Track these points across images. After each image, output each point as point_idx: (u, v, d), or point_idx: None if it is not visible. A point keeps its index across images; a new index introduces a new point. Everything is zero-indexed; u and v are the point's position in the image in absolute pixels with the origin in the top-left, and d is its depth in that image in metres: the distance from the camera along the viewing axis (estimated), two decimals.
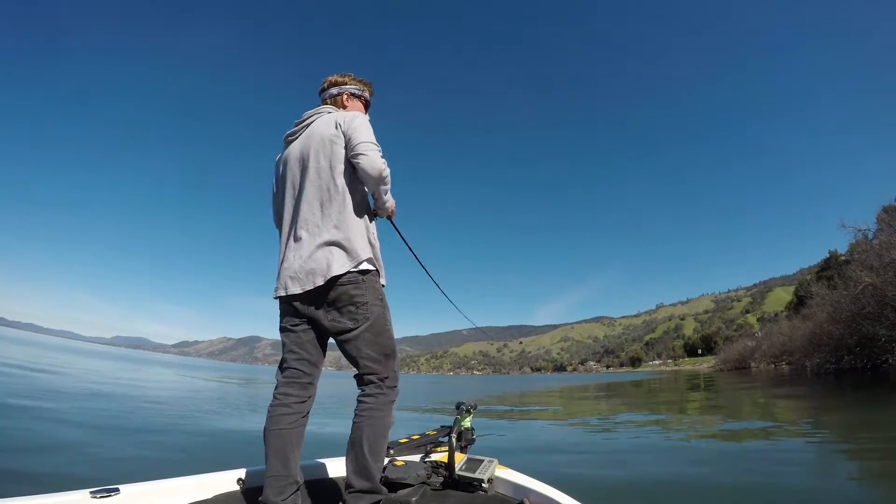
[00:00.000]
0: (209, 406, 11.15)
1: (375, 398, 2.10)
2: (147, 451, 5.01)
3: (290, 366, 2.20)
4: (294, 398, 2.14)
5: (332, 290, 2.11)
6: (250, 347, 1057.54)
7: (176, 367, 49.72)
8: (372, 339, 2.14)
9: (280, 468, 2.01)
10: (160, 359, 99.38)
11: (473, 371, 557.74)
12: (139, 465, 4.21)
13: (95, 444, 5.01)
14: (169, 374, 28.18)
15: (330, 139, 2.22)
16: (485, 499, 2.44)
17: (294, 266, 2.16)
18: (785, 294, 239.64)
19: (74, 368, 20.35)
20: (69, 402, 8.48)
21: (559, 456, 6.72)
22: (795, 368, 38.96)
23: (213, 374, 37.66)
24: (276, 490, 1.98)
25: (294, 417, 2.11)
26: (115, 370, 22.52)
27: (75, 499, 1.75)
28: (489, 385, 51.19)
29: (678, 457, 6.53)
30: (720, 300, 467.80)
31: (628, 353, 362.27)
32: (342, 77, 2.54)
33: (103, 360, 36.69)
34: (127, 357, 63.35)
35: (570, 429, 10.33)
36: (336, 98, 2.50)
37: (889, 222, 27.12)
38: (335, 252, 2.12)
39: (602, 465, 5.97)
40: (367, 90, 2.59)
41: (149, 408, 9.07)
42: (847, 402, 13.87)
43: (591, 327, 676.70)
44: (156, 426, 6.92)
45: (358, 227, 2.20)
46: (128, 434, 5.90)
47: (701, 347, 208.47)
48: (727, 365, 65.93)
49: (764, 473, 5.18)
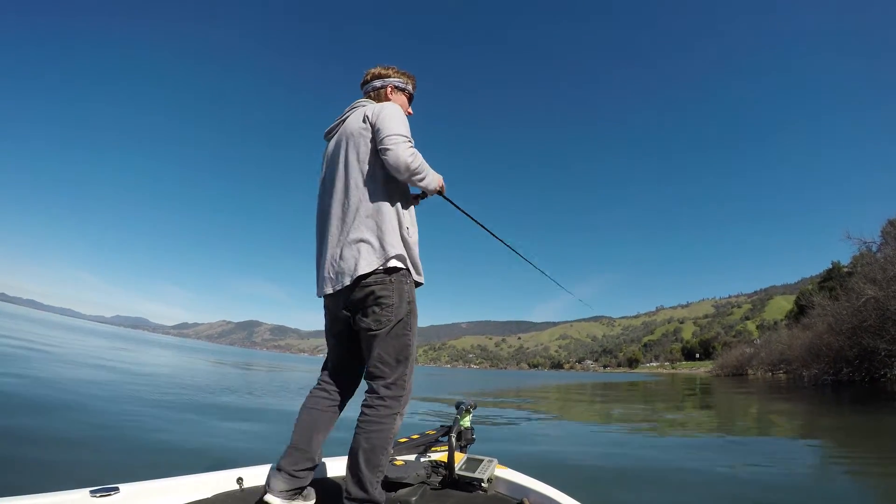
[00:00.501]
0: (213, 399, 11.05)
1: (377, 410, 2.06)
2: (146, 450, 4.92)
3: (330, 367, 2.32)
4: (335, 388, 2.27)
5: (359, 290, 2.09)
6: (249, 332, 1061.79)
7: (176, 348, 49.63)
8: (389, 342, 2.11)
9: (303, 442, 2.11)
10: (160, 339, 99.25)
11: (471, 364, 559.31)
12: (139, 464, 4.19)
13: (95, 444, 4.87)
14: (171, 358, 28.05)
15: (359, 132, 2.20)
16: (484, 498, 2.45)
17: (326, 265, 2.18)
18: (785, 302, 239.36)
19: (73, 349, 20.17)
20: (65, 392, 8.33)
21: (546, 446, 7.01)
22: (792, 378, 38.88)
23: (212, 358, 37.76)
24: (292, 460, 2.07)
25: (330, 402, 2.23)
26: (119, 353, 22.34)
27: (75, 498, 1.74)
28: (486, 379, 51.17)
29: (663, 453, 6.74)
30: (720, 305, 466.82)
31: (626, 353, 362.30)
32: (385, 69, 2.47)
33: (103, 339, 36.68)
34: (127, 337, 63.02)
35: (563, 423, 10.42)
36: (380, 91, 2.45)
37: (894, 236, 26.96)
38: (363, 250, 2.09)
39: (591, 456, 6.30)
40: (410, 83, 2.53)
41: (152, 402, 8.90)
42: (844, 412, 13.82)
43: (591, 326, 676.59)
44: (155, 424, 6.65)
45: (389, 223, 2.14)
46: (127, 433, 5.70)
47: (699, 351, 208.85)
48: (724, 370, 65.94)
49: (755, 476, 5.25)
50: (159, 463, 4.26)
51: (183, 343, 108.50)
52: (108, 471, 3.83)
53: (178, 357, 29.45)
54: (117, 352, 22.33)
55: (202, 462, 4.39)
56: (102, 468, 3.99)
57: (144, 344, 45.46)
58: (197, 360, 27.55)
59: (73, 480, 2.08)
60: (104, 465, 4.11)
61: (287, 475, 2.05)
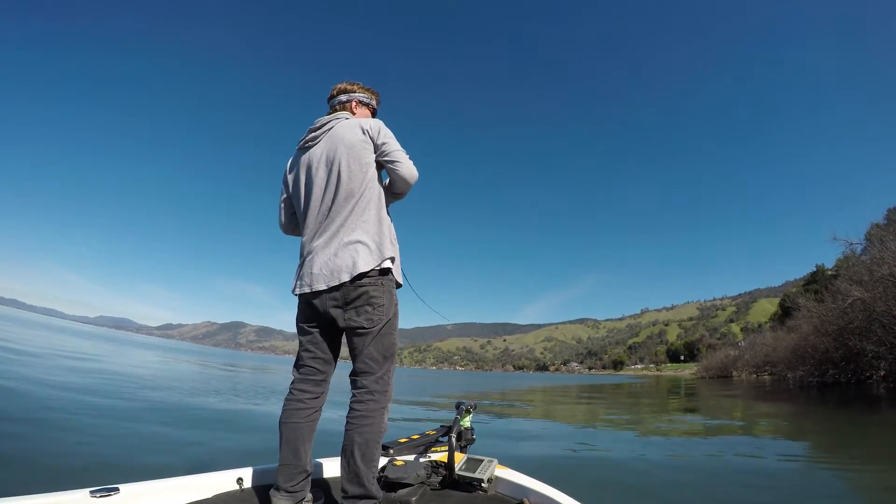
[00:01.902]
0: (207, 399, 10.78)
1: (366, 405, 2.13)
2: (146, 449, 4.95)
3: (305, 363, 2.31)
4: (308, 394, 2.27)
5: (354, 289, 2.17)
6: (234, 333, 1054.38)
7: (161, 349, 49.02)
8: (378, 340, 2.21)
9: (291, 458, 2.15)
10: (144, 340, 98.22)
11: (456, 367, 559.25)
12: (139, 464, 4.23)
13: (94, 442, 4.90)
14: (154, 358, 27.50)
15: (359, 144, 2.30)
16: (484, 499, 2.46)
17: (319, 263, 2.22)
18: (770, 305, 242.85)
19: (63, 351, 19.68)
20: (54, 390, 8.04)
21: (540, 446, 7.34)
22: (777, 380, 39.23)
23: (197, 359, 37.15)
24: (286, 477, 2.13)
25: (307, 412, 2.24)
26: (107, 353, 21.98)
27: (75, 498, 1.73)
28: (472, 381, 51.36)
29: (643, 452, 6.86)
30: (705, 308, 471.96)
31: (611, 356, 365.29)
32: (351, 85, 2.61)
33: (87, 340, 36.13)
34: (112, 338, 62.39)
35: (551, 423, 10.57)
36: (345, 105, 2.57)
37: (880, 237, 27.06)
38: (361, 250, 2.19)
39: (587, 455, 6.62)
40: (374, 98, 2.67)
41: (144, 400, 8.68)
42: (834, 414, 13.77)
43: (576, 328, 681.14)
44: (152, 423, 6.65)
45: (383, 227, 2.30)
46: (125, 431, 5.72)
47: (684, 354, 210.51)
48: (709, 372, 66.50)
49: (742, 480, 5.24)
50: (159, 463, 4.31)
51: (167, 344, 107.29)
52: (108, 471, 3.90)
53: (164, 358, 28.77)
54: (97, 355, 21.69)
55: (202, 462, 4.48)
56: (103, 468, 4.03)
57: (128, 345, 44.66)
58: (181, 362, 26.92)
59: (73, 481, 2.16)
60: (104, 464, 4.14)
61: (286, 493, 2.11)
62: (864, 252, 32.44)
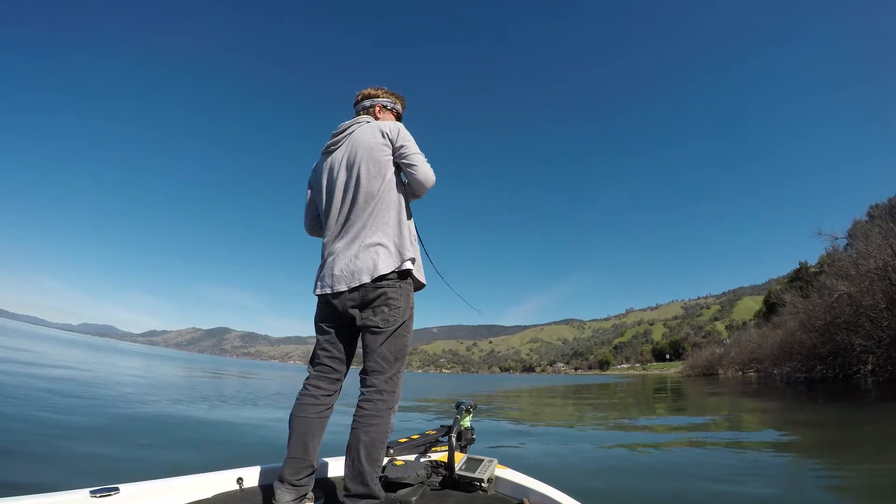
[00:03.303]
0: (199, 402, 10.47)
1: (375, 404, 2.14)
2: (145, 449, 5.04)
3: (322, 362, 2.34)
4: (322, 391, 2.29)
5: (374, 290, 2.20)
6: (219, 339, 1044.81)
7: (145, 356, 47.95)
8: (391, 341, 2.23)
9: (300, 451, 2.16)
10: (129, 348, 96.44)
11: (442, 369, 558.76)
12: (139, 464, 4.25)
13: (93, 442, 4.99)
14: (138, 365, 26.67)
15: (378, 146, 2.34)
16: (484, 498, 2.45)
17: (340, 265, 2.25)
18: (753, 303, 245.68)
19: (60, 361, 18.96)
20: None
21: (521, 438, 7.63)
22: (763, 376, 39.29)
23: (183, 366, 36.18)
24: (293, 470, 2.13)
25: (319, 408, 2.26)
26: (100, 364, 21.25)
27: (75, 498, 1.74)
28: (459, 383, 51.46)
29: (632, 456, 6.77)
30: (689, 307, 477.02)
31: (597, 356, 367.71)
32: (375, 90, 2.64)
33: (75, 350, 34.92)
34: (97, 346, 61.09)
35: (541, 424, 10.61)
36: (369, 110, 2.61)
37: (865, 232, 27.06)
38: (381, 252, 2.23)
39: (583, 456, 6.57)
40: (399, 103, 2.70)
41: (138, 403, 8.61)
42: (820, 410, 13.53)
43: (561, 329, 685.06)
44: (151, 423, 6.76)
45: (403, 228, 2.32)
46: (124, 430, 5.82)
47: (669, 353, 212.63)
48: (695, 371, 66.74)
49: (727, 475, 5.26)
50: (159, 463, 4.34)
51: (152, 351, 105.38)
52: (108, 471, 3.91)
53: (147, 365, 27.90)
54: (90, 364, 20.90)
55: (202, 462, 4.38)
56: (102, 468, 4.04)
57: (112, 353, 43.52)
58: (167, 370, 26.10)
59: (73, 481, 2.17)
60: (104, 465, 4.16)
61: (290, 485, 2.11)
62: (847, 248, 32.54)
